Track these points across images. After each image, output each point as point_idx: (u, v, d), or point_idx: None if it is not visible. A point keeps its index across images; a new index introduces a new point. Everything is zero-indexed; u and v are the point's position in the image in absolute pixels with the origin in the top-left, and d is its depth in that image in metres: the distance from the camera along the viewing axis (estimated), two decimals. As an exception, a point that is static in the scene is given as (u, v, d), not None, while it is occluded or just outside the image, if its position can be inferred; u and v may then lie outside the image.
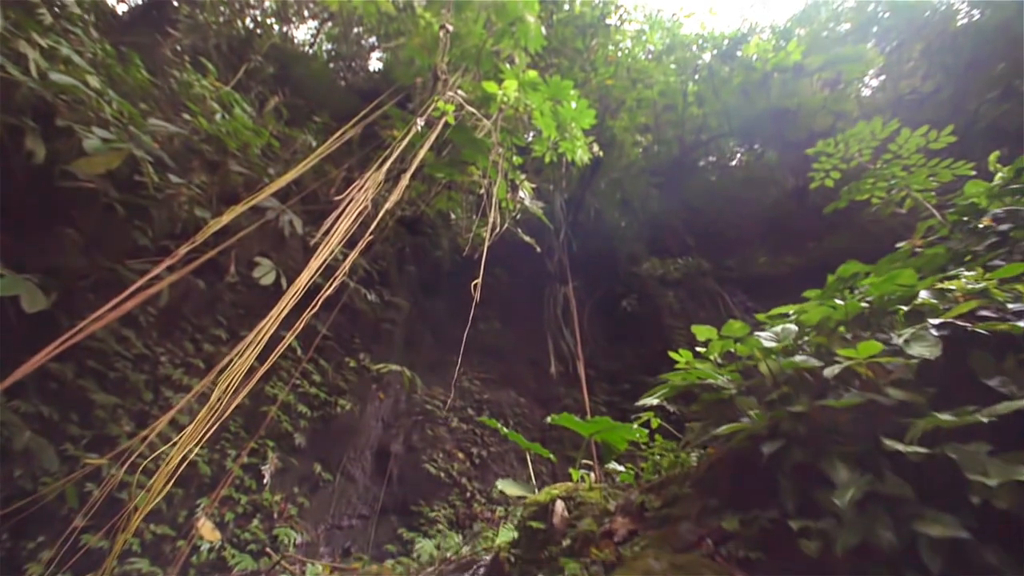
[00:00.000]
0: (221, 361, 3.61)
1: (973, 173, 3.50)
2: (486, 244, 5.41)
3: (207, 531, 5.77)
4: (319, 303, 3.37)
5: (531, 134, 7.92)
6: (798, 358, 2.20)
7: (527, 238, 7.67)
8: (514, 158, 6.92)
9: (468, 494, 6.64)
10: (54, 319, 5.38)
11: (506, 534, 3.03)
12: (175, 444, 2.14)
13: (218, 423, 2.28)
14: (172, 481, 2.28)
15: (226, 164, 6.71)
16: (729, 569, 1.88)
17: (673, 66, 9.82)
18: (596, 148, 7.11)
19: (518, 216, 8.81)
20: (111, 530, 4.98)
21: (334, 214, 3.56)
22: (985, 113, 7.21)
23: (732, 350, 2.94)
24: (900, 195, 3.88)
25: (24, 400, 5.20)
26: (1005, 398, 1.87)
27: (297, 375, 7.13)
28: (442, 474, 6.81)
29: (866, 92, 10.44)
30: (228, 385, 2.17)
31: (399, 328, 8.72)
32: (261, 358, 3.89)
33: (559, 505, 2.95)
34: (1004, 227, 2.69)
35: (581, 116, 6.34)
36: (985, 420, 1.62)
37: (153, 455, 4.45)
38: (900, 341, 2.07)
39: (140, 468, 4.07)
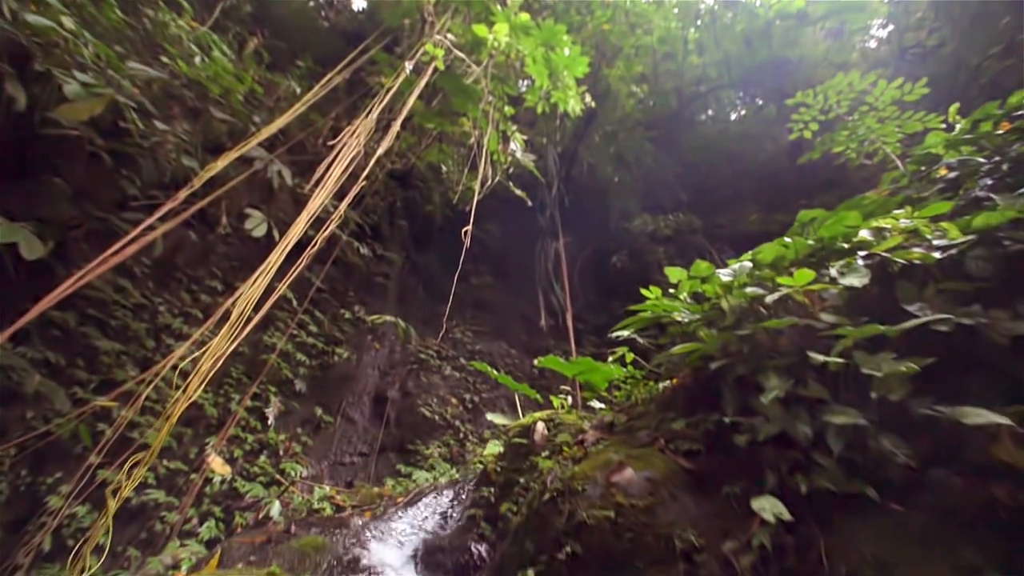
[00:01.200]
0: (220, 309, 3.90)
1: (943, 126, 3.74)
2: (476, 197, 5.59)
3: (218, 465, 6.34)
4: (313, 251, 3.62)
5: (523, 84, 7.84)
6: (748, 289, 2.56)
7: (519, 192, 7.82)
8: (505, 108, 6.91)
9: (461, 435, 7.27)
10: (50, 268, 5.60)
11: (493, 447, 3.51)
12: (203, 353, 2.46)
13: (238, 341, 2.60)
14: (206, 381, 2.62)
15: (208, 111, 6.66)
16: (675, 458, 2.33)
17: (676, 10, 9.54)
18: (589, 99, 7.11)
19: (510, 170, 8.87)
20: (125, 464, 5.50)
21: (327, 160, 3.72)
22: (987, 68, 7.26)
23: (700, 290, 3.30)
24: (871, 147, 4.12)
25: (29, 346, 5.53)
26: (928, 326, 2.26)
27: (294, 326, 7.49)
28: (436, 417, 7.40)
29: (871, 44, 10.29)
30: (245, 307, 2.47)
31: (392, 282, 9.02)
32: (257, 307, 4.18)
33: (540, 425, 3.41)
34: (953, 175, 2.99)
35: (574, 64, 6.31)
36: (882, 330, 2.00)
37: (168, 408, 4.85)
38: (835, 273, 2.42)
39: (142, 404, 4.47)
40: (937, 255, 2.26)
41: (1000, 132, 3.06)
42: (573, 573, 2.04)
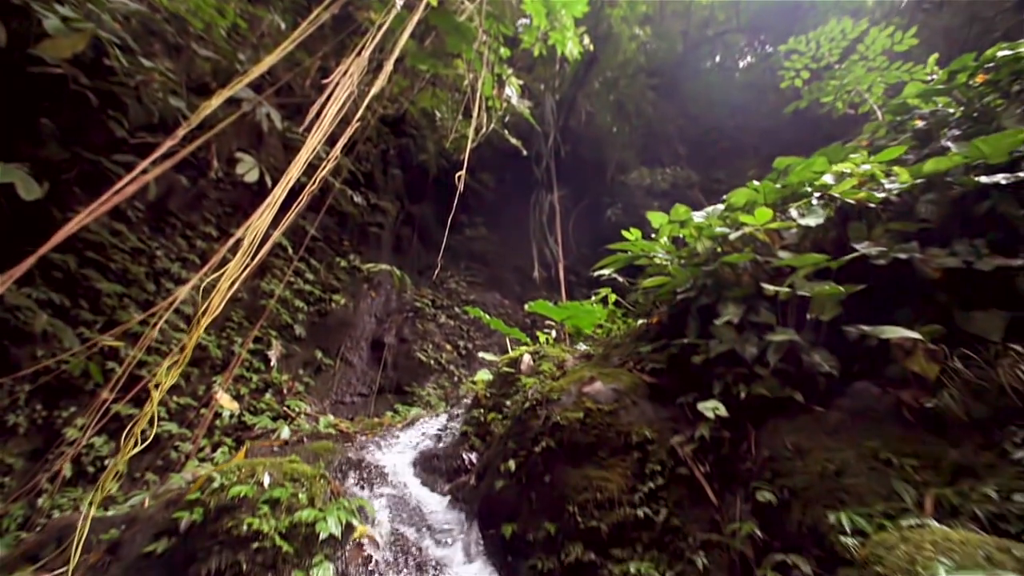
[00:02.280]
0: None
1: (931, 78, 3.85)
2: (470, 144, 5.68)
3: (226, 401, 6.83)
4: (312, 189, 3.80)
5: (520, 25, 7.61)
6: (717, 229, 2.84)
7: (514, 141, 7.84)
8: (501, 50, 6.78)
9: (456, 378, 7.79)
10: (46, 210, 5.76)
11: (484, 375, 3.93)
12: (220, 275, 2.73)
13: (254, 263, 2.87)
14: (226, 301, 2.90)
15: (190, 47, 6.52)
16: (640, 375, 2.72)
17: (686, -59, 9.05)
18: (589, 42, 6.97)
19: (506, 118, 8.78)
20: (136, 399, 6.01)
21: (320, 100, 3.80)
22: (1001, 22, 7.15)
23: (680, 235, 3.57)
24: (858, 97, 4.24)
25: (33, 288, 5.80)
26: (865, 257, 2.57)
27: (291, 273, 7.76)
28: (432, 362, 7.89)
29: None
30: (255, 237, 2.72)
31: (386, 232, 9.20)
32: (263, 242, 4.40)
33: (527, 357, 3.80)
34: (925, 125, 3.19)
35: (573, 2, 6.15)
36: (821, 259, 2.31)
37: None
38: (795, 214, 2.70)
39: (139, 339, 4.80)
40: (881, 195, 2.52)
41: (976, 84, 3.22)
42: (547, 462, 2.47)
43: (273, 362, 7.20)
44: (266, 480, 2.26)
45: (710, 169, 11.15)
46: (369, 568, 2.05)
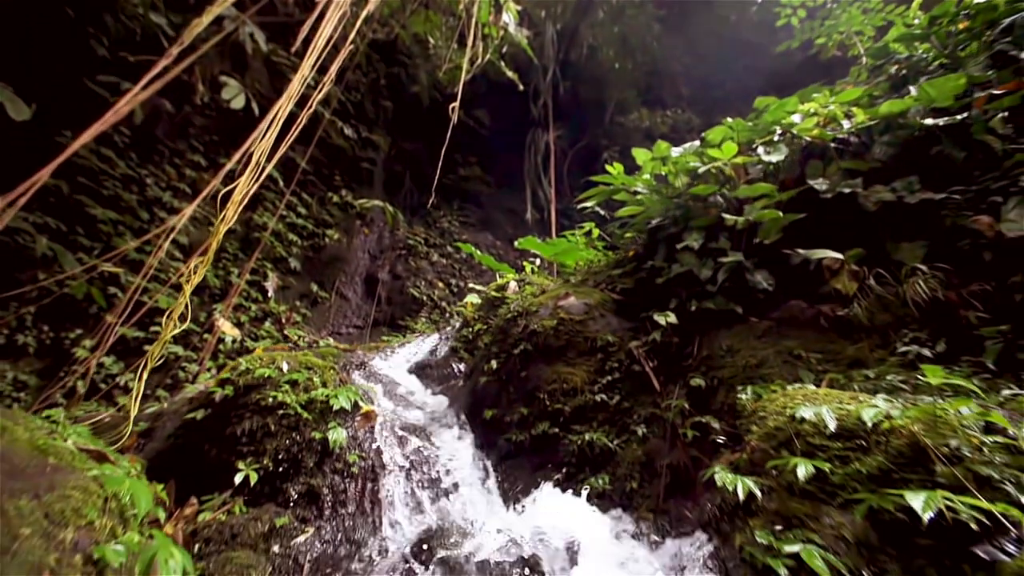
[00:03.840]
0: (206, 187, 4.35)
1: (916, 21, 3.98)
2: (464, 74, 5.73)
3: (227, 328, 7.35)
4: (306, 115, 3.99)
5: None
6: (691, 164, 3.17)
7: (511, 74, 7.78)
8: (498, -30, 6.56)
9: (448, 314, 8.32)
10: (36, 132, 5.87)
11: (473, 298, 4.39)
12: (233, 188, 3.04)
13: (260, 181, 3.17)
14: (245, 203, 3.22)
15: (166, -45, 6.28)
16: (610, 294, 3.18)
17: None
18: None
19: (503, 48, 8.58)
20: (140, 323, 6.46)
21: (311, 19, 3.87)
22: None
23: (662, 172, 3.88)
24: (849, 40, 4.37)
25: (29, 212, 6.04)
26: (817, 192, 2.94)
27: (283, 206, 7.98)
28: (424, 298, 8.38)
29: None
30: (260, 155, 2.99)
31: (378, 168, 9.29)
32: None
33: (512, 283, 4.24)
34: (895, 68, 3.43)
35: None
36: (768, 189, 2.69)
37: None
38: (762, 151, 3.02)
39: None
40: (838, 134, 2.85)
41: (957, 31, 3.42)
42: (524, 362, 2.98)
43: (270, 293, 7.64)
44: (285, 367, 2.74)
45: (713, 113, 11.09)
46: (373, 434, 2.59)
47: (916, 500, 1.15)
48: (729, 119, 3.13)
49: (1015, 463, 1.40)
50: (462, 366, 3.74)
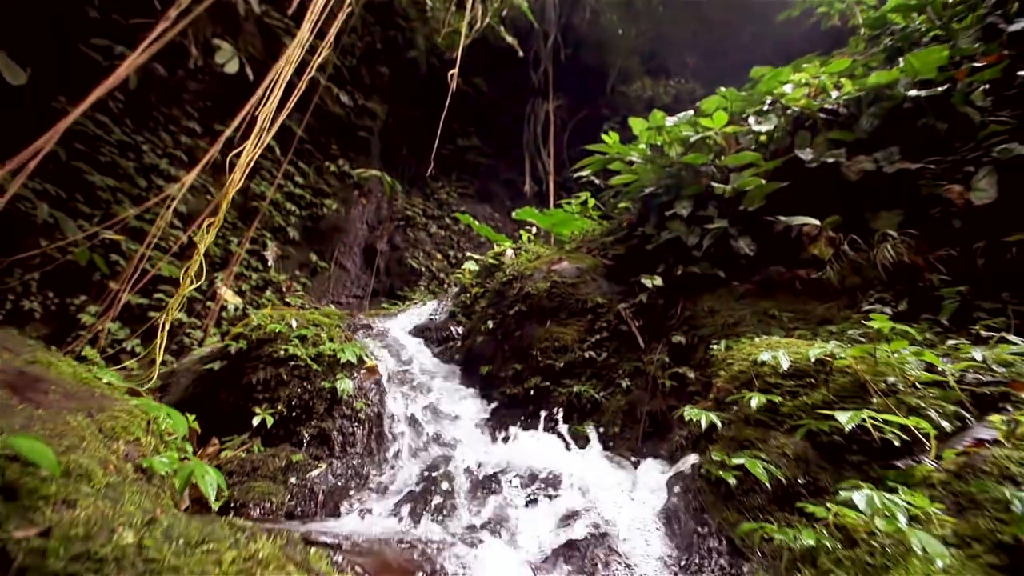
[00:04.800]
0: (202, 154, 4.45)
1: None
2: (463, 39, 5.73)
3: (229, 296, 7.56)
4: (306, 80, 4.07)
5: None
6: (683, 133, 3.30)
7: (510, 39, 7.71)
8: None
9: (446, 285, 8.54)
10: (29, 97, 5.91)
11: (470, 265, 4.59)
12: (240, 152, 3.19)
13: (265, 143, 3.31)
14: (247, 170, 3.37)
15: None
16: (602, 259, 3.38)
17: None
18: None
19: (503, 11, 8.45)
20: (144, 290, 6.67)
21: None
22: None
23: (658, 142, 4.00)
24: (849, 9, 4.39)
25: (29, 178, 6.15)
26: (803, 162, 3.10)
27: (280, 175, 8.05)
28: (423, 269, 8.57)
29: None
30: (265, 119, 3.12)
31: (375, 138, 9.30)
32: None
33: (509, 251, 4.43)
34: (889, 40, 3.52)
35: None
36: (753, 158, 2.84)
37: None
38: (752, 120, 3.16)
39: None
40: (826, 105, 2.98)
41: (953, 1, 3.49)
42: (518, 322, 3.21)
43: (270, 262, 7.82)
44: (294, 323, 2.96)
45: (717, 84, 10.94)
46: (378, 385, 2.84)
47: (843, 416, 1.38)
48: (722, 88, 3.25)
49: (943, 396, 1.64)
50: (460, 329, 3.97)
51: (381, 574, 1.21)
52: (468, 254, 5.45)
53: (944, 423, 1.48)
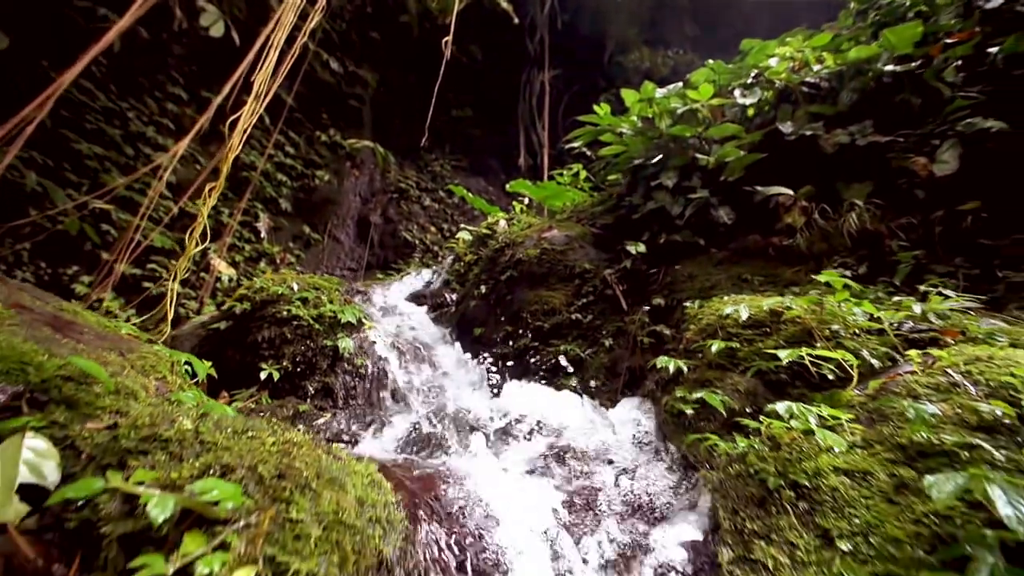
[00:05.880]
0: (189, 122, 4.50)
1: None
2: (456, 2, 5.73)
3: (223, 267, 7.71)
4: (299, 45, 4.13)
5: None
6: (672, 105, 3.46)
7: (504, 3, 7.66)
8: None
9: (440, 258, 8.72)
10: (11, 62, 5.89)
11: (464, 235, 4.79)
12: (238, 117, 3.31)
13: (263, 106, 3.43)
14: (245, 137, 3.51)
15: None
16: (590, 228, 3.58)
17: None
18: None
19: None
20: (137, 261, 6.81)
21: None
22: None
23: (650, 115, 4.15)
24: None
25: (14, 146, 6.17)
26: (783, 135, 3.28)
27: (271, 145, 8.08)
28: (417, 241, 8.73)
29: None
30: (261, 84, 3.22)
31: (367, 107, 9.27)
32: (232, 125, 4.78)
33: (502, 222, 4.62)
34: (874, 15, 3.65)
35: None
36: (734, 129, 3.03)
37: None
38: (737, 93, 3.32)
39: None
40: (808, 79, 3.15)
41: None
42: (509, 287, 3.44)
43: (263, 233, 7.93)
44: (295, 286, 3.16)
45: (716, 56, 10.96)
46: (377, 345, 3.07)
47: (783, 354, 1.63)
48: (711, 61, 3.40)
49: (880, 341, 1.90)
50: (454, 295, 4.20)
51: (389, 468, 1.46)
52: (462, 226, 5.62)
53: (875, 361, 1.74)
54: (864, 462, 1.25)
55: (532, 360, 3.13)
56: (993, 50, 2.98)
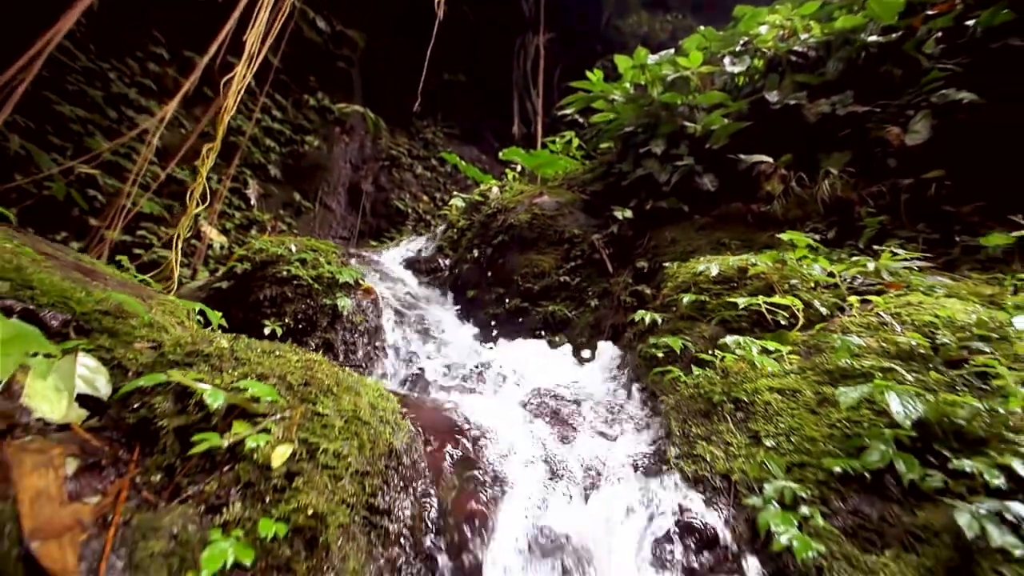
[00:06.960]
0: (171, 83, 4.54)
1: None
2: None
3: (214, 235, 7.81)
4: (285, 11, 4.16)
5: None
6: (663, 71, 3.60)
7: (498, -36, 7.53)
8: None
9: (433, 226, 8.87)
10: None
11: (457, 201, 4.96)
12: (231, 77, 3.41)
13: (256, 67, 3.52)
14: (238, 98, 3.62)
15: None
16: (580, 195, 3.77)
17: None
18: None
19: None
20: (127, 227, 6.89)
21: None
22: None
23: (643, 82, 4.27)
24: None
25: (3, 109, 6.14)
26: (768, 103, 3.45)
27: (258, 109, 8.05)
28: (409, 210, 8.85)
29: None
30: (254, 43, 3.31)
31: (356, 70, 9.18)
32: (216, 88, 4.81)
33: (495, 189, 4.78)
34: (865, -18, 3.76)
35: None
36: (720, 97, 3.20)
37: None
38: (727, 61, 3.47)
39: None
40: (795, 47, 3.30)
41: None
42: (501, 251, 3.66)
43: (253, 200, 8.01)
44: (293, 248, 3.35)
45: (717, 21, 10.87)
46: (375, 304, 3.29)
47: (741, 301, 1.88)
48: (702, 27, 3.52)
49: (833, 293, 2.15)
50: (447, 261, 4.41)
51: (397, 394, 1.71)
52: (455, 193, 5.77)
53: (824, 310, 2.00)
54: (795, 383, 1.52)
55: (522, 320, 3.37)
56: (971, 22, 3.14)
